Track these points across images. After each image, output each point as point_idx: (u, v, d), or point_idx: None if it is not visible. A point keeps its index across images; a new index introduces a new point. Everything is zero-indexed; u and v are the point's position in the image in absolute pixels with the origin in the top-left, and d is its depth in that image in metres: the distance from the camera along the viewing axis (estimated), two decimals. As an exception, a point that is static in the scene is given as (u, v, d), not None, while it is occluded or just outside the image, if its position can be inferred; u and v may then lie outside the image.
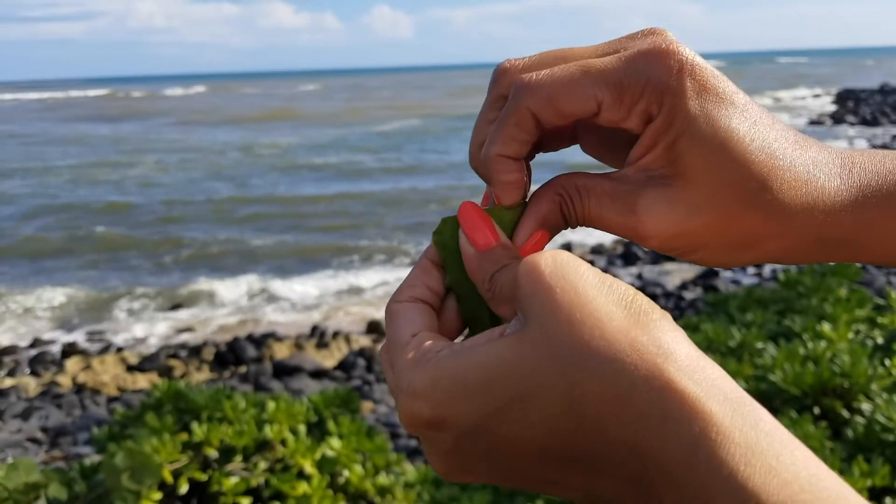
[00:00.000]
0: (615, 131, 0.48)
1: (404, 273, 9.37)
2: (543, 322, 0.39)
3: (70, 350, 10.20)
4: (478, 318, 0.49)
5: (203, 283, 12.95)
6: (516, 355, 0.39)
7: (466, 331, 0.50)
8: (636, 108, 0.45)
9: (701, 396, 0.35)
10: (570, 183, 0.48)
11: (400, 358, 0.44)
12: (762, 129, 0.46)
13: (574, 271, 0.40)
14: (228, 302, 12.09)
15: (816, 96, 42.94)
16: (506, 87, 0.48)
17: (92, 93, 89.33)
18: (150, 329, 11.00)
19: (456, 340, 0.47)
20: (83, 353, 10.14)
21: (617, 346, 0.37)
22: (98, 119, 46.78)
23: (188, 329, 10.94)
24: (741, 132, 0.45)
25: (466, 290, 0.49)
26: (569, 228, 0.49)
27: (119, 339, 10.62)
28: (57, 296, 12.47)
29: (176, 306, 11.87)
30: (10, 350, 10.37)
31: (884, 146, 22.73)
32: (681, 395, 0.36)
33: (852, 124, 28.23)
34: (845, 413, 1.84)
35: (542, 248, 0.47)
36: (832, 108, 35.21)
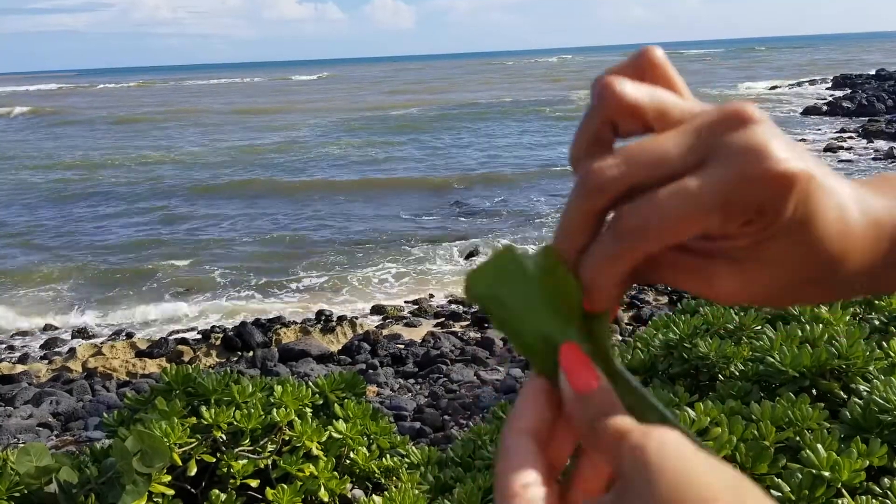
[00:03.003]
0: None
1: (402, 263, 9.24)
2: (647, 499, 0.40)
3: (80, 336, 10.28)
4: (535, 354, 0.50)
5: (210, 272, 13.01)
6: None
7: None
8: (737, 222, 0.45)
9: None
10: None
11: None
12: (848, 215, 0.46)
13: (679, 453, 0.41)
14: (235, 289, 12.14)
15: (812, 82, 42.61)
16: (606, 201, 0.46)
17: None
18: (159, 314, 11.07)
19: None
20: (93, 338, 10.22)
21: None
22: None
23: (197, 315, 11.02)
24: (827, 227, 0.45)
25: (524, 333, 0.50)
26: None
27: (129, 325, 10.69)
28: (68, 282, 12.54)
29: (186, 291, 11.92)
30: (21, 336, 10.46)
31: (879, 132, 22.54)
32: None
33: (848, 110, 27.99)
34: (843, 394, 1.86)
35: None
36: (828, 94, 34.93)
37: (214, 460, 2.19)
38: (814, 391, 1.87)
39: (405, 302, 11.03)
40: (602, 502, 0.42)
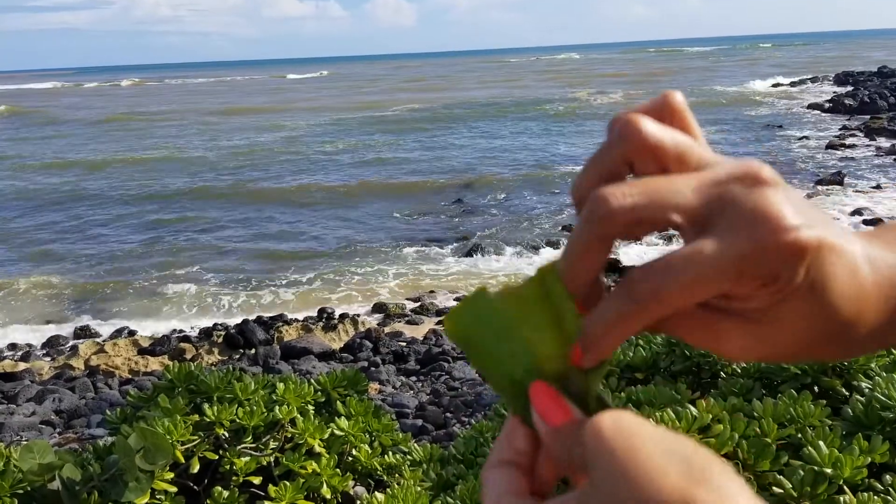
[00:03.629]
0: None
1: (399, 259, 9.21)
2: (604, 480, 0.41)
3: (83, 334, 10.29)
4: (514, 402, 0.51)
5: (212, 271, 13.02)
6: None
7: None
8: (750, 287, 0.46)
9: None
10: None
11: None
12: (860, 275, 0.47)
13: (633, 431, 0.42)
14: (237, 287, 12.14)
15: (815, 80, 42.53)
16: (617, 228, 0.46)
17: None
18: (161, 312, 11.07)
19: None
20: (95, 336, 10.22)
21: (671, 502, 0.38)
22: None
23: (199, 312, 11.02)
24: (840, 289, 0.46)
25: (496, 376, 0.51)
26: None
27: (130, 323, 10.70)
28: (68, 281, 12.55)
29: (187, 290, 11.92)
30: (24, 333, 10.47)
31: (882, 129, 22.48)
32: None
33: (850, 107, 27.94)
34: (845, 391, 1.86)
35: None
36: (831, 91, 34.89)
37: (217, 457, 2.19)
38: (815, 388, 1.87)
39: (406, 299, 11.05)
40: (570, 497, 0.43)
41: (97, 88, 78.53)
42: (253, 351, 9.28)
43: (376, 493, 2.17)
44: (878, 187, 16.23)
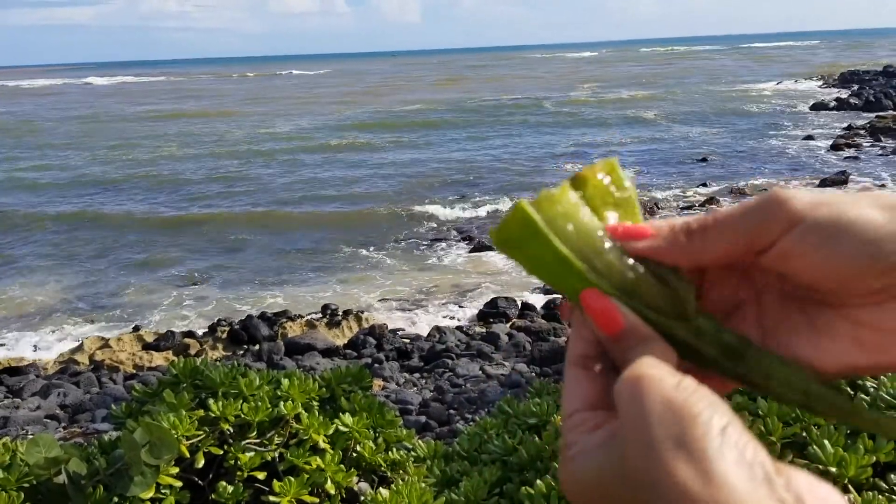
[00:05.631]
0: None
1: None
2: (623, 442, 0.43)
3: (87, 329, 10.31)
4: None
5: (216, 267, 13.03)
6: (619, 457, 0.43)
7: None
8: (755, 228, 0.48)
9: None
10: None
11: (562, 435, 0.49)
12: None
13: (644, 399, 0.43)
14: (241, 283, 12.14)
15: (820, 79, 42.33)
16: None
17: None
18: (165, 307, 11.08)
19: None
20: (100, 331, 10.24)
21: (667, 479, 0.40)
22: None
23: (203, 308, 11.03)
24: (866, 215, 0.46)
25: (551, 280, 0.52)
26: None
27: (135, 319, 10.71)
28: (72, 277, 12.58)
29: (191, 285, 11.93)
30: (28, 328, 10.49)
31: (887, 129, 22.35)
32: None
33: (856, 107, 27.81)
34: (850, 390, 1.85)
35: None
36: (836, 90, 34.75)
37: (222, 453, 2.20)
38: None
39: (412, 291, 11.05)
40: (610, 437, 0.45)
41: (53, 87, 73.81)
42: (257, 347, 9.30)
43: (380, 489, 2.17)
44: (883, 186, 16.21)
